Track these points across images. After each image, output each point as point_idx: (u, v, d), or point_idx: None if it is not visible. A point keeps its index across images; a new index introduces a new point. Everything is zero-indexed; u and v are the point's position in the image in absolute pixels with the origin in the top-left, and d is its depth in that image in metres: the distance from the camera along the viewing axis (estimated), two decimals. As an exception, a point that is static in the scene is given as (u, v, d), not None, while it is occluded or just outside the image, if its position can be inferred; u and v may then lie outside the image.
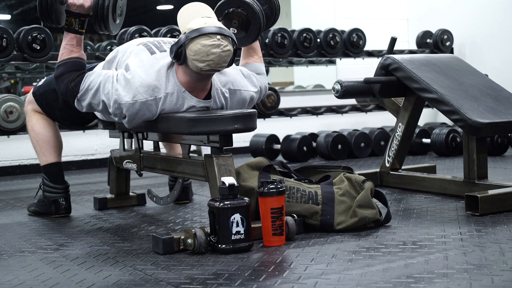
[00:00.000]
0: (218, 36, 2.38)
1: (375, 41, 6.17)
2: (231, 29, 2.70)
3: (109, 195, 3.34)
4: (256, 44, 2.85)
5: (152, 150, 3.05)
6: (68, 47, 2.63)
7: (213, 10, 2.63)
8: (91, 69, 2.90)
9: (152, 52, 2.58)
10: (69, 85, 2.58)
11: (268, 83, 3.02)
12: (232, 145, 2.46)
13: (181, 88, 2.50)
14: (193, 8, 2.52)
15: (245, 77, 2.70)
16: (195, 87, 2.52)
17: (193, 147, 3.47)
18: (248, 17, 2.71)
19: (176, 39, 2.73)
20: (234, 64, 2.68)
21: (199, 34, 2.37)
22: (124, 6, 2.76)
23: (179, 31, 4.50)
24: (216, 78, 2.60)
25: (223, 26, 2.43)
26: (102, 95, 2.53)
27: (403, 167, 3.62)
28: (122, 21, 2.77)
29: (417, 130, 5.28)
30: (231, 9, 2.70)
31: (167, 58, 2.54)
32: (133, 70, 2.50)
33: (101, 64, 2.86)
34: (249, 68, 2.82)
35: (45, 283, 2.00)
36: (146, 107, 2.49)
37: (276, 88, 5.47)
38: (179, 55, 2.42)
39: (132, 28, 4.59)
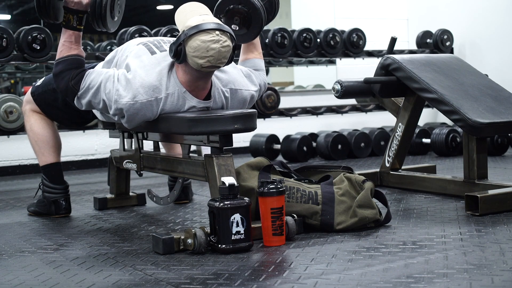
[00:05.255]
0: (217, 32, 2.38)
1: (375, 41, 6.17)
2: (232, 26, 2.70)
3: (109, 195, 3.34)
4: (256, 40, 2.85)
5: (152, 150, 3.05)
6: (67, 44, 2.61)
7: (213, 8, 2.63)
8: (92, 67, 2.90)
9: (153, 52, 2.58)
10: (69, 83, 2.57)
11: (268, 83, 3.02)
12: (232, 145, 2.46)
13: (182, 89, 2.50)
14: (190, 7, 2.52)
15: (245, 76, 2.70)
16: (195, 86, 2.51)
17: (193, 147, 3.47)
18: (249, 13, 2.70)
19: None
20: (233, 63, 2.68)
21: (198, 30, 2.37)
22: (123, 3, 2.74)
23: (179, 31, 4.50)
24: (217, 78, 2.59)
25: (221, 23, 2.43)
26: (102, 94, 2.52)
27: (403, 167, 3.62)
28: (121, 18, 2.75)
29: (417, 130, 5.28)
30: (232, 6, 2.69)
31: (167, 59, 2.53)
32: (134, 70, 2.50)
33: (101, 64, 2.86)
34: (248, 64, 2.82)
35: (45, 283, 2.00)
36: (147, 108, 2.48)
37: (276, 88, 5.47)
38: (178, 53, 2.41)
39: (132, 28, 4.59)
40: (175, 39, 2.47)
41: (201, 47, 2.37)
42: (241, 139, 5.74)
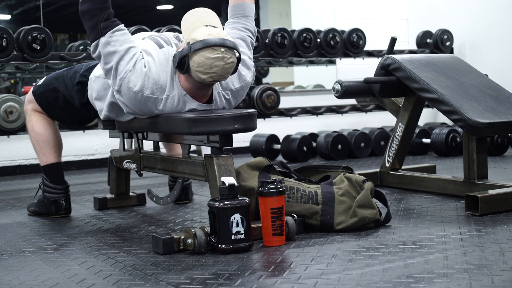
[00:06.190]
0: (222, 49, 2.37)
1: (375, 41, 6.17)
2: None
3: (109, 195, 3.34)
4: None
5: (152, 150, 3.05)
6: None
7: (215, 9, 2.61)
8: (93, 66, 2.90)
9: (160, 46, 2.57)
10: (99, 23, 2.50)
11: (268, 83, 3.00)
12: (232, 145, 2.46)
13: (182, 92, 2.50)
14: (198, 15, 2.49)
15: (241, 66, 2.65)
16: (196, 93, 2.52)
17: (193, 147, 3.47)
18: None
19: (179, 34, 2.72)
20: None
21: (203, 46, 2.35)
22: None
23: (179, 31, 4.51)
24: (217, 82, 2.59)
25: (227, 37, 2.41)
26: (115, 62, 2.49)
27: (403, 167, 3.62)
28: None
29: (417, 130, 5.28)
30: None
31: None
32: (147, 62, 2.50)
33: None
34: (238, 8, 2.73)
35: (45, 283, 2.00)
36: (145, 103, 2.49)
37: (276, 88, 5.47)
38: (182, 65, 2.41)
39: (132, 28, 4.59)
40: (180, 35, 2.44)
41: (205, 63, 2.36)
42: (241, 139, 5.74)
